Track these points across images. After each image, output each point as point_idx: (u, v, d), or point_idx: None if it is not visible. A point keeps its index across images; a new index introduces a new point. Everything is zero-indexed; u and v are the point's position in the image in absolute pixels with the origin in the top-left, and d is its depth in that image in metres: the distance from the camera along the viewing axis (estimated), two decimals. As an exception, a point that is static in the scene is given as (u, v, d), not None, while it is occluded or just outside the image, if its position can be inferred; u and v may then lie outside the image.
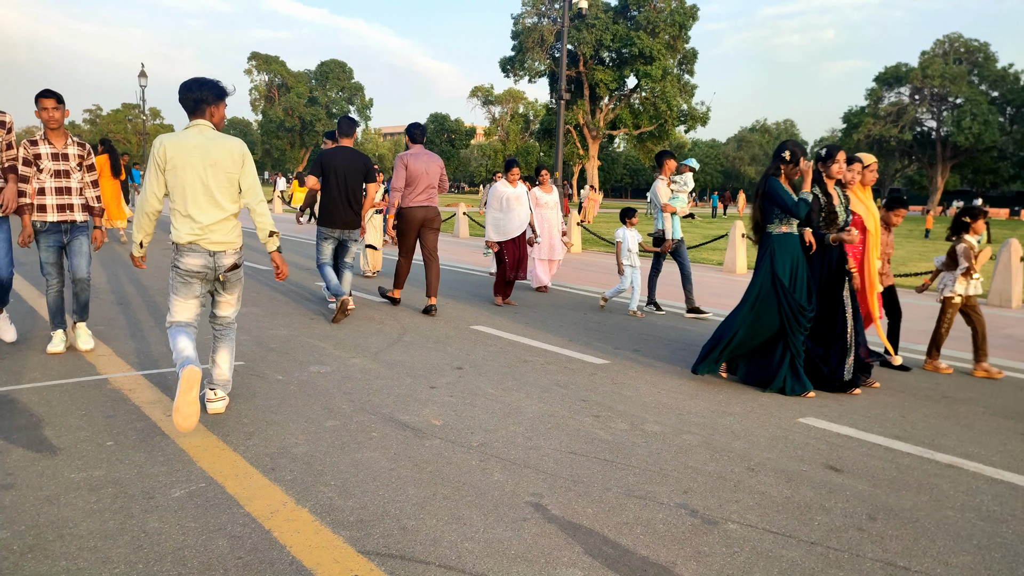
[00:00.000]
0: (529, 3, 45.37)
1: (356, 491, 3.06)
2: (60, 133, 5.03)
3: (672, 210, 7.92)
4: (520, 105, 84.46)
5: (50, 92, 4.89)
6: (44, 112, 4.87)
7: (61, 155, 5.03)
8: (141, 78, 34.97)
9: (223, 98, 3.89)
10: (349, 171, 6.91)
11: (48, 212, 5.00)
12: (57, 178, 5.01)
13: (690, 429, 4.09)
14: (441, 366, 5.26)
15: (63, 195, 5.04)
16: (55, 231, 5.05)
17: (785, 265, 4.93)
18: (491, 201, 8.13)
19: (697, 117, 45.66)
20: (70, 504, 2.82)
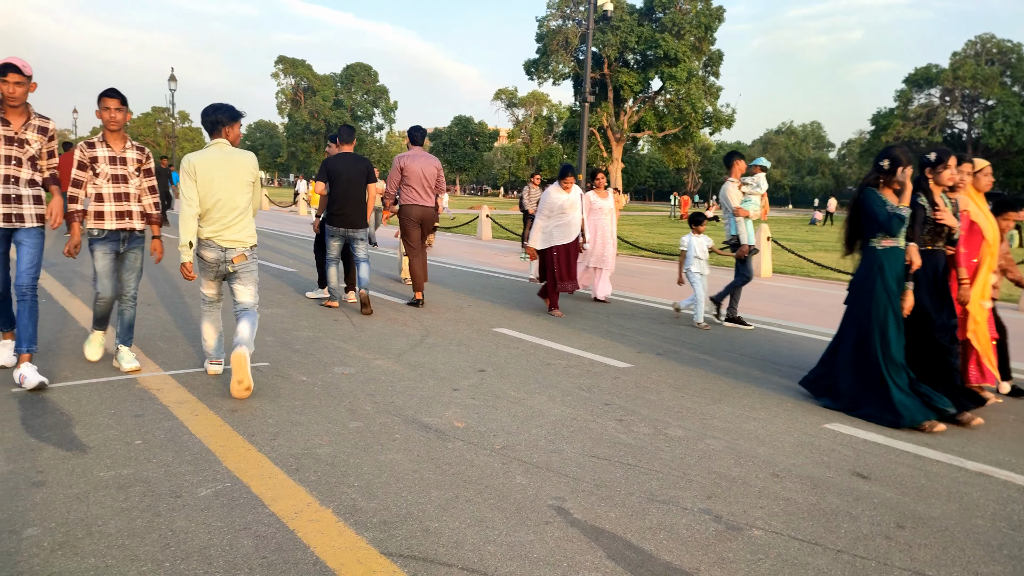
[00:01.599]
0: (554, 6, 45.41)
1: (379, 492, 3.07)
2: (119, 136, 4.71)
3: (745, 214, 7.40)
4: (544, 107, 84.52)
5: (114, 92, 4.58)
6: (106, 112, 4.55)
7: (119, 159, 4.69)
8: (171, 82, 35.53)
9: (237, 119, 4.73)
10: (352, 174, 7.35)
11: (106, 219, 4.64)
12: (115, 183, 4.67)
13: (714, 434, 4.05)
14: (464, 368, 5.28)
15: (122, 201, 4.70)
16: (113, 239, 4.70)
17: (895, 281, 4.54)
18: (542, 207, 7.76)
19: (722, 119, 45.37)
20: (99, 502, 2.87)
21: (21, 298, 4.38)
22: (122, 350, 4.89)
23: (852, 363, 4.67)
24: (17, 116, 4.37)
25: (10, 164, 4.35)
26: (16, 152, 4.37)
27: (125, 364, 4.81)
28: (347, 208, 7.32)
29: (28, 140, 4.40)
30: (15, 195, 4.38)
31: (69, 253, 4.54)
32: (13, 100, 4.24)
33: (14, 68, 4.18)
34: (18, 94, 4.24)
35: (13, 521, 2.68)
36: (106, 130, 4.65)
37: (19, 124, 4.38)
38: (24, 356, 4.38)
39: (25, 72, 4.23)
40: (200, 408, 4.10)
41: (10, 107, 4.30)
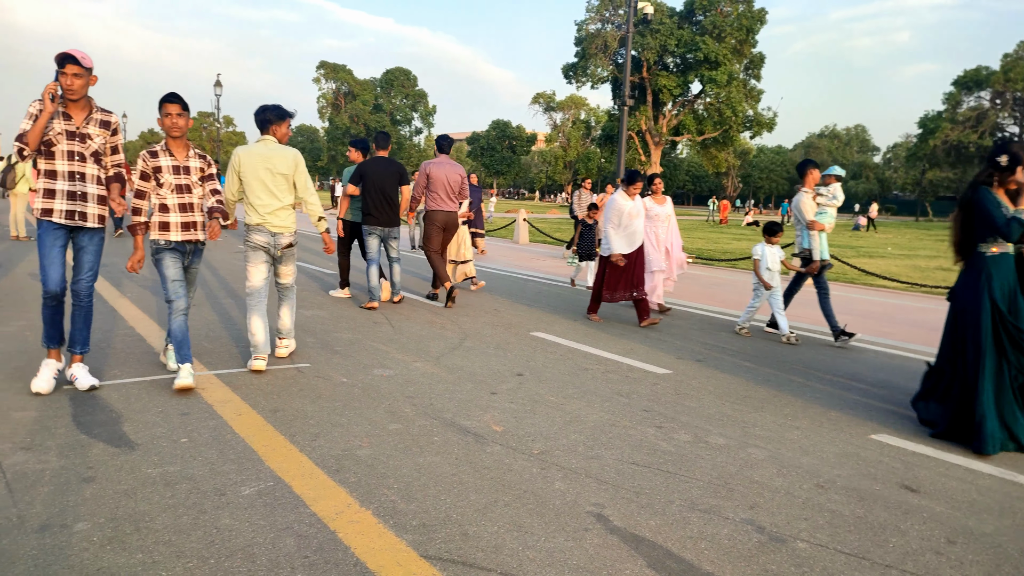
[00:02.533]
0: (593, 9, 45.31)
1: (418, 495, 3.09)
2: (182, 143, 4.56)
3: (821, 227, 7.06)
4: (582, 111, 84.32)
5: (175, 97, 4.42)
6: (167, 119, 4.42)
7: (183, 168, 4.55)
8: (216, 87, 36.31)
9: (284, 118, 5.21)
10: (386, 177, 7.74)
11: (172, 231, 4.51)
12: (180, 193, 4.52)
13: (755, 443, 3.99)
14: (501, 372, 5.28)
15: (187, 212, 4.56)
16: (180, 250, 4.58)
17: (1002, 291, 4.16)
18: (609, 215, 7.48)
19: (763, 123, 44.73)
20: (147, 498, 2.93)
21: (77, 303, 4.33)
22: (171, 350, 4.85)
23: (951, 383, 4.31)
24: (79, 110, 4.19)
25: (73, 160, 4.17)
26: (79, 147, 4.18)
27: (173, 363, 4.82)
28: (383, 209, 7.73)
29: (90, 135, 4.21)
30: (80, 192, 4.21)
31: (133, 268, 4.41)
32: (72, 93, 4.05)
33: (73, 59, 3.99)
34: (77, 86, 4.05)
35: (64, 515, 2.75)
36: (168, 137, 4.50)
37: (81, 118, 4.19)
38: (76, 357, 4.40)
39: (84, 64, 4.04)
40: (243, 408, 4.17)
41: (71, 100, 4.11)
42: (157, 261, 4.51)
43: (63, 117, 4.12)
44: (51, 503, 2.85)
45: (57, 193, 4.14)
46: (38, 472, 3.14)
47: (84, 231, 4.30)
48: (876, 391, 5.26)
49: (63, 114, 4.12)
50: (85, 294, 4.33)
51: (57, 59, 3.97)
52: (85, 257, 4.32)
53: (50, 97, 3.93)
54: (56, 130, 4.08)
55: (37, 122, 3.94)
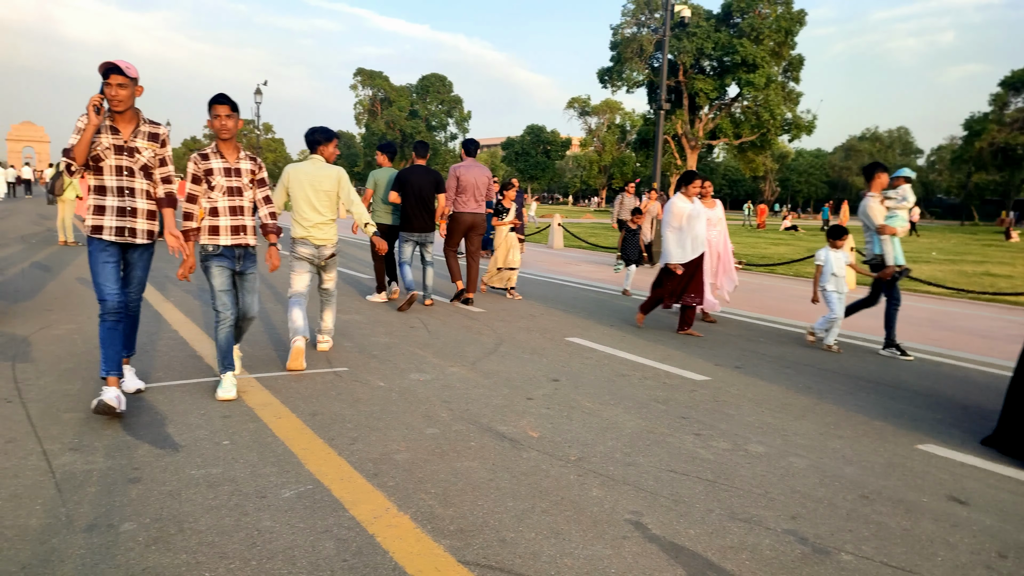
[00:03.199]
0: (629, 13, 45.13)
1: (456, 500, 3.09)
2: (232, 145, 4.47)
3: (892, 232, 6.68)
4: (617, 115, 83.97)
5: (224, 98, 4.34)
6: (216, 120, 4.33)
7: (233, 170, 4.47)
8: (256, 95, 36.98)
9: (331, 139, 5.63)
10: (423, 185, 8.08)
11: (221, 234, 4.44)
12: (230, 196, 4.45)
13: (796, 451, 3.91)
14: (537, 378, 5.27)
15: (236, 215, 4.47)
16: (228, 255, 4.47)
17: None
18: (669, 219, 7.24)
19: (802, 126, 44.00)
20: (190, 499, 2.99)
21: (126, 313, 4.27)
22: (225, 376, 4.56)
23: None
24: (126, 123, 4.04)
25: (122, 175, 4.04)
26: (127, 162, 4.04)
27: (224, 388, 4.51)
28: (420, 216, 8.10)
29: (138, 148, 4.06)
30: (129, 208, 4.08)
31: (183, 276, 4.34)
32: (118, 104, 3.90)
33: (117, 69, 3.85)
34: (122, 96, 3.90)
35: (111, 515, 2.82)
36: (218, 139, 4.43)
37: (128, 131, 4.05)
38: (110, 379, 4.11)
39: (129, 73, 3.89)
40: (283, 411, 4.22)
41: (117, 112, 3.97)
42: (205, 269, 4.45)
43: (110, 131, 3.99)
44: (98, 503, 2.92)
45: (107, 209, 4.03)
46: (86, 472, 3.22)
47: (134, 247, 4.18)
48: (922, 399, 5.13)
49: (110, 128, 3.99)
50: (133, 305, 4.32)
51: (101, 69, 3.86)
52: (134, 272, 4.26)
53: (95, 109, 3.80)
54: (104, 144, 3.97)
55: (83, 135, 3.83)
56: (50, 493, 2.99)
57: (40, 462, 3.31)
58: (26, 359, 5.16)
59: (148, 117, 4.17)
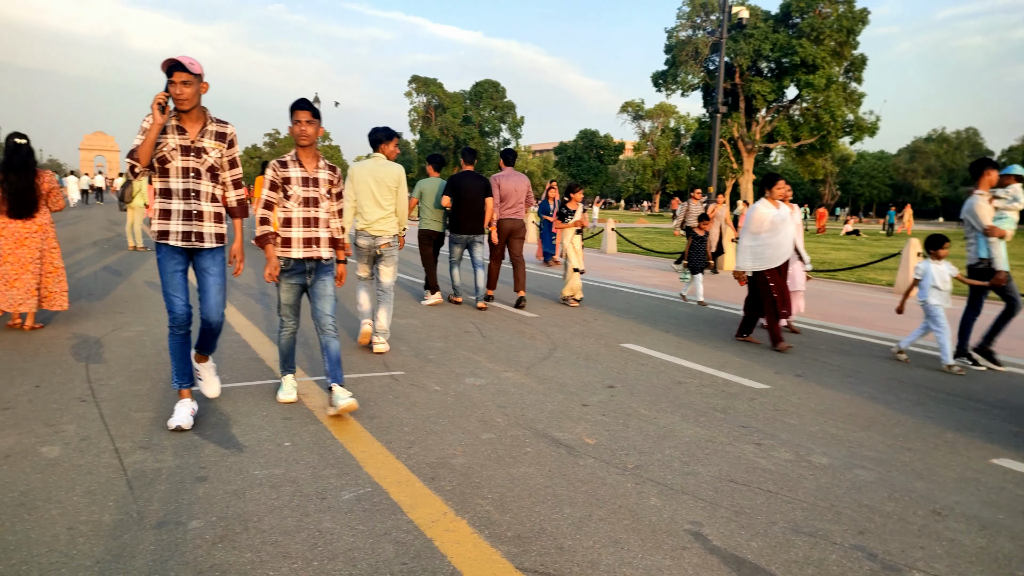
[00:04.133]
0: (684, 16, 44.66)
1: (513, 506, 3.09)
2: (311, 153, 4.27)
3: (1001, 234, 6.24)
4: (671, 119, 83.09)
5: (305, 103, 4.16)
6: (297, 126, 4.15)
7: (311, 180, 4.27)
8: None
9: (392, 138, 6.11)
10: (473, 189, 8.45)
11: (293, 247, 4.24)
12: (305, 207, 4.26)
13: (863, 464, 3.79)
14: (592, 384, 5.23)
15: (310, 227, 4.27)
16: (299, 270, 4.31)
17: None
18: (749, 224, 6.91)
19: (864, 127, 42.76)
20: (254, 499, 3.05)
21: (207, 328, 4.09)
22: (336, 390, 4.21)
23: None
24: (192, 122, 3.84)
25: (188, 177, 3.84)
26: (194, 163, 3.84)
27: (341, 402, 4.14)
28: (471, 219, 8.47)
29: (206, 148, 3.86)
30: (196, 211, 3.88)
31: (270, 276, 4.19)
32: (183, 102, 3.70)
33: (180, 66, 3.63)
34: (187, 95, 3.69)
35: (180, 513, 2.90)
36: (297, 146, 4.25)
37: (195, 131, 3.85)
38: (201, 357, 4.27)
39: (193, 70, 3.67)
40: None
41: (182, 111, 3.77)
42: (277, 281, 4.34)
43: (176, 131, 3.79)
44: (167, 500, 3.01)
45: (172, 214, 3.85)
46: (155, 470, 3.32)
47: (203, 252, 3.97)
48: (997, 411, 4.92)
49: (176, 128, 3.79)
50: (216, 322, 4.05)
51: (164, 67, 3.65)
52: (210, 280, 3.99)
53: (159, 108, 3.60)
54: (170, 145, 3.77)
55: (148, 135, 3.64)
56: (122, 490, 3.10)
57: (112, 460, 3.43)
58: (99, 360, 5.36)
59: (215, 116, 3.96)
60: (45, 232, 6.44)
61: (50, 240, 6.51)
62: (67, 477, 3.21)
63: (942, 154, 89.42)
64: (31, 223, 6.32)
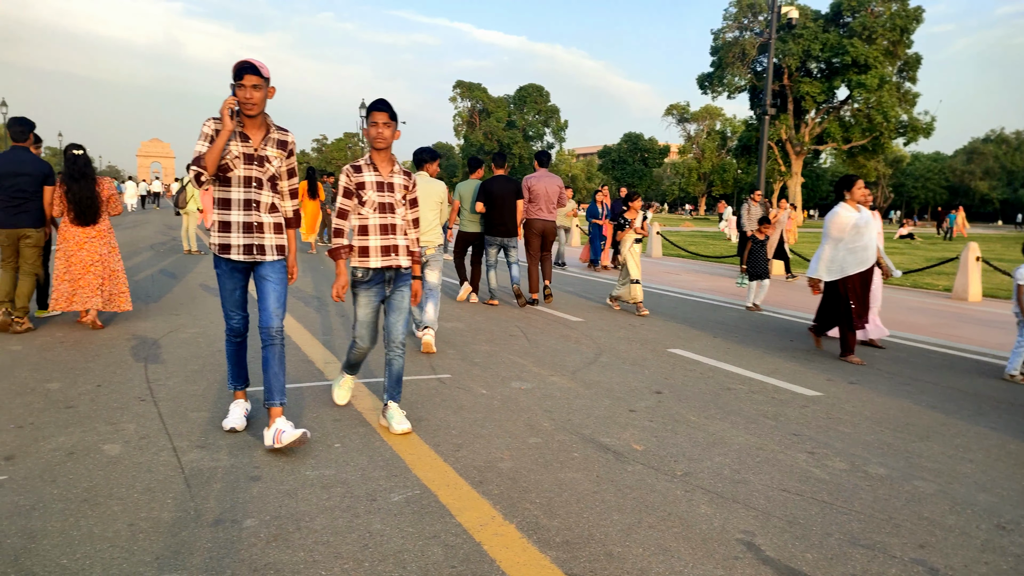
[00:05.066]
0: (731, 17, 44.06)
1: (561, 511, 3.08)
2: (387, 157, 4.04)
3: None
4: (717, 122, 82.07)
5: (383, 104, 3.92)
6: (373, 128, 3.91)
7: (387, 184, 4.03)
8: (361, 109, 38.40)
9: (436, 159, 6.50)
10: (506, 194, 8.68)
11: (371, 256, 3.99)
12: (381, 213, 4.01)
13: (922, 475, 3.67)
14: (639, 389, 5.18)
15: (387, 235, 4.03)
16: (378, 281, 4.06)
17: None
18: (829, 229, 6.47)
19: (919, 128, 41.53)
20: (306, 499, 3.10)
21: (268, 343, 3.75)
22: (391, 408, 4.08)
23: None
24: (256, 129, 3.66)
25: (250, 187, 3.66)
26: (256, 172, 3.66)
27: (395, 425, 4.01)
28: (503, 221, 8.72)
29: (268, 157, 3.69)
30: (256, 223, 3.70)
31: (338, 296, 3.95)
32: (250, 107, 3.52)
33: (252, 69, 3.47)
34: (256, 99, 3.52)
35: (235, 511, 2.97)
36: (372, 149, 4.01)
37: (258, 139, 3.67)
38: (275, 410, 3.74)
39: (263, 73, 3.51)
40: (390, 416, 4.33)
41: (248, 117, 3.60)
42: (353, 295, 4.10)
43: (240, 138, 3.62)
44: (223, 499, 3.08)
45: (233, 226, 3.67)
46: (211, 469, 3.40)
47: (266, 265, 3.79)
48: (1064, 423, 4.72)
49: (240, 134, 3.62)
50: (276, 331, 3.76)
51: (235, 69, 3.48)
52: (269, 287, 3.76)
53: (229, 113, 3.45)
54: (233, 153, 3.59)
55: (215, 143, 3.48)
56: (180, 488, 3.18)
57: (171, 458, 3.53)
58: (157, 360, 5.52)
59: (277, 124, 3.79)
60: (104, 236, 6.76)
61: (110, 244, 6.82)
62: (128, 474, 3.31)
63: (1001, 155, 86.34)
64: (91, 228, 6.66)
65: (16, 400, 4.39)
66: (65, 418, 4.08)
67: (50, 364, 5.30)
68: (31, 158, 6.50)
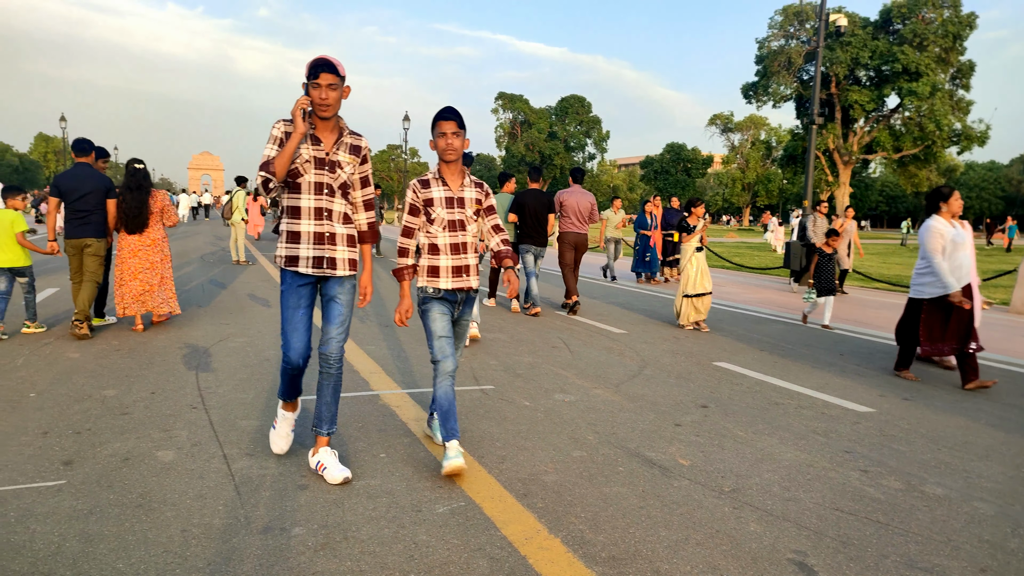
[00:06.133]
0: (776, 26, 43.53)
1: (606, 526, 3.05)
2: (457, 170, 3.70)
3: None
4: (762, 131, 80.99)
5: (452, 112, 3.56)
6: (442, 139, 3.56)
7: (456, 200, 3.69)
8: (404, 121, 38.86)
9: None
10: (537, 206, 9.19)
11: (441, 276, 3.65)
12: (452, 231, 3.67)
13: (982, 496, 3.54)
14: (685, 403, 5.12)
15: (459, 254, 3.69)
16: (450, 299, 3.71)
17: None
18: (932, 244, 5.92)
19: (973, 137, 40.36)
20: (352, 509, 3.13)
21: (326, 369, 3.49)
22: (449, 445, 3.55)
23: None
24: (328, 132, 3.39)
25: (322, 194, 3.37)
26: (328, 178, 3.37)
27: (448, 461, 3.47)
28: (537, 232, 9.23)
29: (340, 163, 3.39)
30: (328, 233, 3.40)
31: (401, 321, 3.66)
32: (324, 108, 3.25)
33: (328, 66, 3.19)
34: (331, 100, 3.24)
35: (284, 519, 3.01)
36: (441, 162, 3.67)
37: (331, 142, 3.39)
38: (322, 439, 3.52)
39: (340, 71, 3.24)
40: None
41: (321, 119, 3.33)
42: (424, 312, 3.69)
43: (311, 141, 3.34)
44: (272, 507, 3.12)
45: (303, 236, 3.36)
46: (260, 477, 3.46)
47: (335, 280, 3.49)
48: None
49: (311, 137, 3.34)
50: (335, 358, 3.49)
51: (310, 67, 3.21)
52: (335, 309, 3.48)
53: (302, 114, 3.20)
54: (303, 157, 3.31)
55: (286, 146, 3.19)
56: (230, 495, 3.24)
57: (221, 465, 3.60)
58: (207, 369, 5.65)
59: (350, 127, 3.48)
60: (157, 246, 7.27)
61: (162, 253, 7.31)
62: (180, 481, 3.39)
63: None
64: (144, 237, 7.20)
65: (75, 406, 4.53)
66: (121, 424, 4.20)
67: (106, 371, 5.47)
68: (93, 173, 6.99)
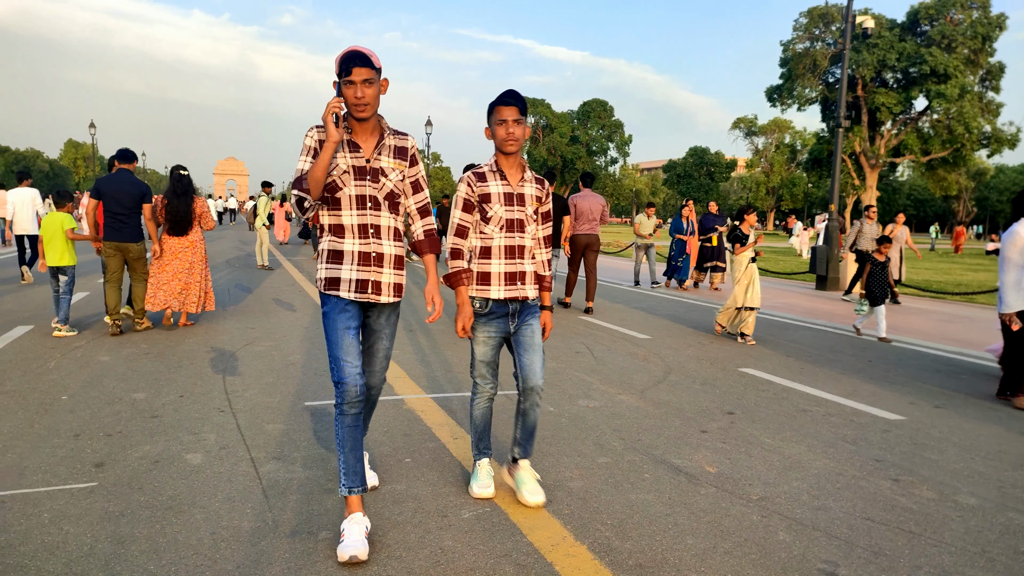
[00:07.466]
0: (801, 28, 43.12)
1: (633, 533, 3.03)
2: (516, 163, 3.27)
3: None
4: (786, 135, 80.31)
5: (514, 96, 3.15)
6: (502, 127, 3.15)
7: (516, 196, 3.25)
8: (427, 127, 39.09)
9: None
10: (555, 208, 9.45)
11: (492, 284, 3.22)
12: (509, 232, 3.24)
13: (1017, 506, 3.47)
14: (711, 409, 5.07)
15: (514, 258, 3.25)
16: (500, 314, 3.26)
17: None
18: (1009, 252, 5.46)
19: (1004, 139, 39.63)
20: (378, 514, 3.14)
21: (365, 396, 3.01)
22: (523, 468, 3.38)
23: None
24: (367, 135, 2.91)
25: (365, 208, 2.89)
26: (371, 189, 2.89)
27: (528, 495, 3.27)
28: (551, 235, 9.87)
29: (384, 170, 2.91)
30: (375, 254, 2.92)
31: (464, 330, 3.19)
32: (361, 109, 2.78)
33: (362, 59, 2.72)
34: (368, 98, 2.76)
35: (311, 523, 3.02)
36: (500, 153, 3.24)
37: (371, 147, 2.91)
38: (354, 501, 2.88)
39: (375, 64, 2.77)
40: (459, 432, 4.36)
41: (358, 120, 2.84)
42: (472, 329, 3.28)
43: (348, 148, 2.87)
44: (299, 511, 3.14)
45: (346, 256, 2.90)
46: (287, 481, 3.49)
47: (379, 307, 3.02)
48: None
49: (348, 144, 2.88)
50: (376, 390, 3.20)
51: (340, 62, 2.74)
52: (380, 344, 3.08)
53: (334, 119, 2.71)
54: (340, 168, 2.85)
55: (320, 158, 2.73)
56: (258, 498, 3.26)
57: (249, 468, 3.63)
58: (234, 372, 5.71)
59: (392, 127, 3.01)
60: (195, 247, 7.71)
61: (200, 254, 7.75)
62: (209, 483, 3.42)
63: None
64: (184, 239, 7.65)
65: (106, 409, 4.60)
66: (151, 427, 4.25)
67: (136, 374, 5.54)
68: (131, 179, 7.37)
